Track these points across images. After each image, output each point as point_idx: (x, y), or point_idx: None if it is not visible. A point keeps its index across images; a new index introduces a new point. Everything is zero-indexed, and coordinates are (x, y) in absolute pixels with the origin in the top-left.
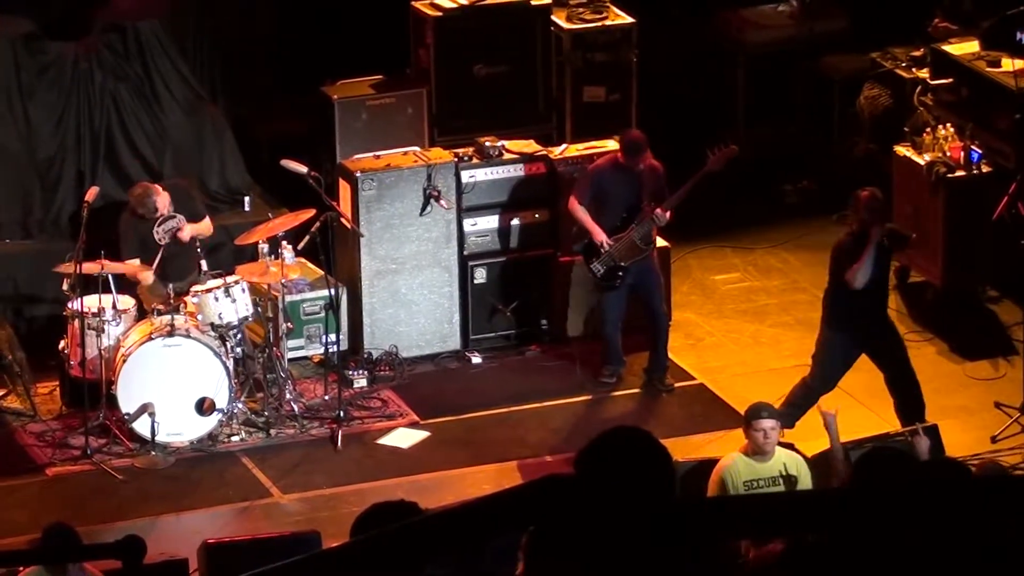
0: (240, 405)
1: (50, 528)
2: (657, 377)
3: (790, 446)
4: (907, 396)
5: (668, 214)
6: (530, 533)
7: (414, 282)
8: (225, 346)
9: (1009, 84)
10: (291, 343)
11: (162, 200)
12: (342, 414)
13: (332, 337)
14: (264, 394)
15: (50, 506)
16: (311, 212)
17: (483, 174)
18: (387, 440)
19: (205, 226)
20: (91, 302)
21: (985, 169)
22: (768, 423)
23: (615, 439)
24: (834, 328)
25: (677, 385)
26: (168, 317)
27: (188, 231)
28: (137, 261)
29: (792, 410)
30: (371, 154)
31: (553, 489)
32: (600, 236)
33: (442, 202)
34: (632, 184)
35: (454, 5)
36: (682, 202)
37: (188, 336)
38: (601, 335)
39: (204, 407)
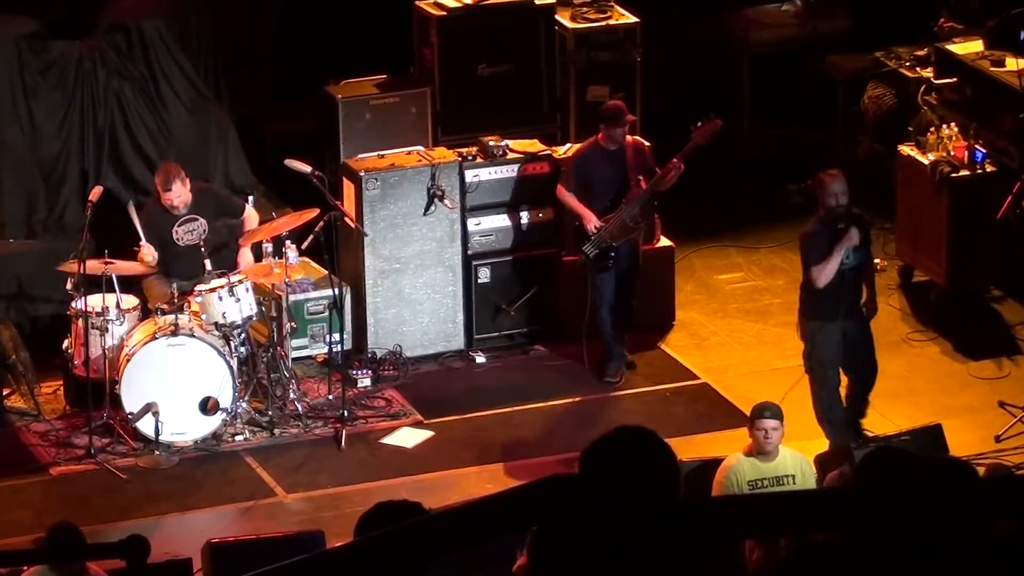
0: (244, 405)
1: (55, 527)
2: (616, 354)
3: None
4: (864, 394)
5: (668, 178)
6: (534, 533)
7: (418, 281)
8: (229, 345)
9: (1013, 84)
10: (295, 343)
11: (182, 188)
12: (346, 413)
13: (336, 336)
14: (268, 394)
15: (54, 506)
16: (315, 212)
17: (487, 173)
18: (391, 440)
19: (253, 218)
20: (95, 301)
21: (989, 169)
22: (770, 423)
23: (620, 438)
24: (810, 316)
25: (682, 385)
26: (172, 316)
27: (247, 259)
28: (153, 250)
29: (829, 428)
30: (375, 153)
31: (557, 489)
32: (591, 220)
33: (446, 201)
34: (617, 164)
35: (458, 4)
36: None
37: (192, 335)
38: (595, 321)
39: (208, 406)
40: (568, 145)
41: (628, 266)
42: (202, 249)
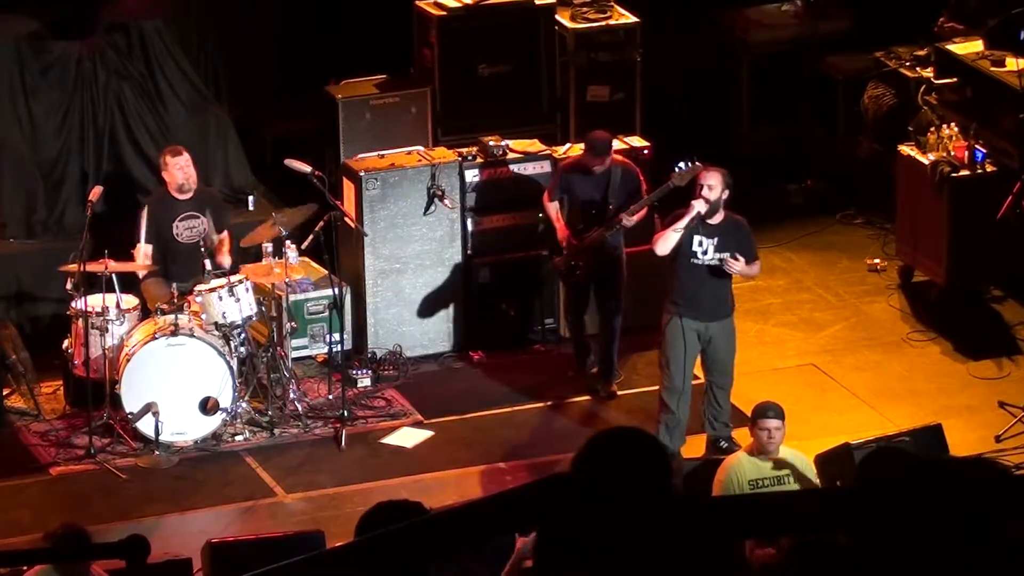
0: (244, 404)
1: (64, 529)
2: (602, 383)
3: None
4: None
5: (634, 218)
6: (539, 533)
7: (418, 281)
8: (229, 345)
9: (1013, 84)
10: (295, 342)
11: (190, 162)
12: (346, 413)
13: (336, 336)
14: (268, 393)
15: (54, 506)
16: (314, 209)
17: (487, 173)
18: (391, 440)
19: (224, 241)
20: (95, 301)
21: (989, 168)
22: (773, 423)
23: (605, 439)
24: (665, 310)
25: None
26: (172, 316)
27: (226, 256)
28: (150, 248)
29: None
30: (375, 153)
31: (557, 488)
32: (562, 233)
33: (446, 201)
34: (599, 185)
35: (458, 4)
36: (648, 209)
37: (192, 335)
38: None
39: (208, 406)
40: (568, 145)
41: (608, 282)
42: (201, 250)
